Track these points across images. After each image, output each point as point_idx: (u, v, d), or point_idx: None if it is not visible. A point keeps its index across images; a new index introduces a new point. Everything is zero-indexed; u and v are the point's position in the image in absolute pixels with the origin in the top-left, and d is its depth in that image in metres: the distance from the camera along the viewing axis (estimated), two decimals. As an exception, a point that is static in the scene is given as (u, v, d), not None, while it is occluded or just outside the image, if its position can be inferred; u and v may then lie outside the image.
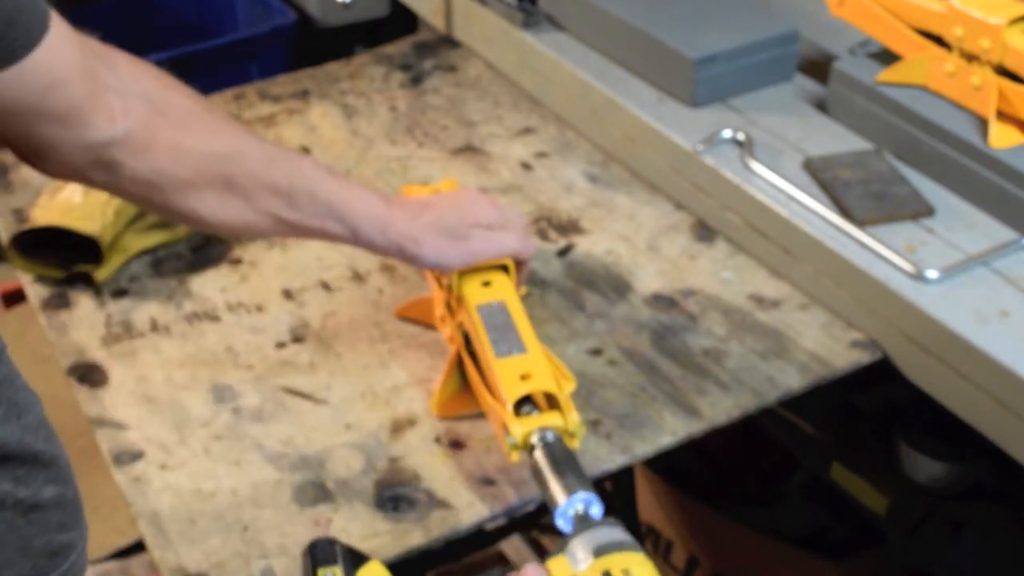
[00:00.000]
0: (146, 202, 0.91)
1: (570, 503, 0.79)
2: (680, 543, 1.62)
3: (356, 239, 0.95)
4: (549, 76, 1.37)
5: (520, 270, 1.04)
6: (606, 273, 1.14)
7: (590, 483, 0.81)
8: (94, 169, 0.85)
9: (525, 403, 0.88)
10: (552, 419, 0.86)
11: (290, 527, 0.89)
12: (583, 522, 0.78)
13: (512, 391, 0.87)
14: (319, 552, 0.75)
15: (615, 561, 0.72)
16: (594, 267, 1.15)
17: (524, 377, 0.88)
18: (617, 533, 0.75)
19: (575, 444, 0.86)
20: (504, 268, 1.01)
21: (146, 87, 0.87)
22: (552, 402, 0.88)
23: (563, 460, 0.83)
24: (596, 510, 0.79)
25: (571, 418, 0.86)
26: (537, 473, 0.84)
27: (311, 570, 0.73)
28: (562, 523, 0.79)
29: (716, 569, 1.60)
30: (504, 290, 0.98)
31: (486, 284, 0.99)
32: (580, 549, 0.74)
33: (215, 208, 0.90)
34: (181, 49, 1.73)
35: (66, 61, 0.79)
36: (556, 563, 0.74)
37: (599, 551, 0.73)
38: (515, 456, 0.86)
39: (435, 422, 0.98)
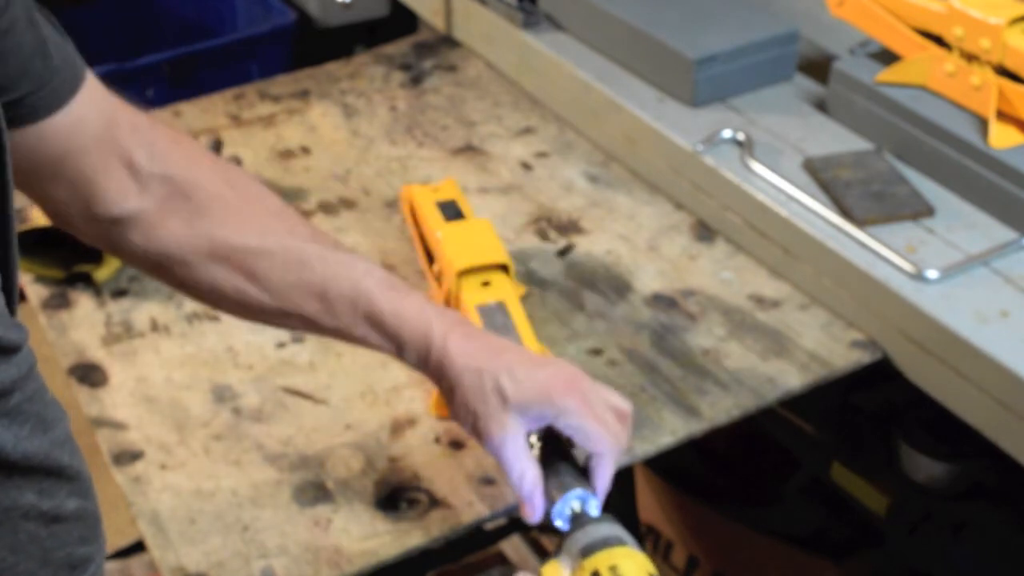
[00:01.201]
0: (153, 274, 0.87)
1: (564, 501, 0.79)
2: (680, 543, 1.62)
3: (401, 358, 0.86)
4: (549, 76, 1.37)
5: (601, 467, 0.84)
6: (606, 273, 1.14)
7: (587, 481, 0.81)
8: (99, 239, 0.84)
9: None
10: None
11: (290, 527, 0.89)
12: (578, 520, 0.78)
13: None
14: None
15: (602, 559, 0.72)
16: (594, 267, 1.15)
17: None
18: (604, 529, 0.75)
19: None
20: (504, 268, 1.01)
21: (176, 168, 0.83)
22: None
23: (559, 458, 0.83)
24: (593, 507, 0.79)
25: None
26: None
27: None
28: (559, 522, 0.79)
29: (716, 569, 1.60)
30: (503, 290, 0.98)
31: (485, 284, 0.99)
32: (571, 550, 0.74)
33: (227, 291, 0.84)
34: (181, 49, 1.72)
35: (88, 129, 0.78)
36: (550, 568, 0.74)
37: (586, 551, 0.73)
38: None
39: (435, 422, 0.98)
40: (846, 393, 1.18)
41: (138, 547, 1.67)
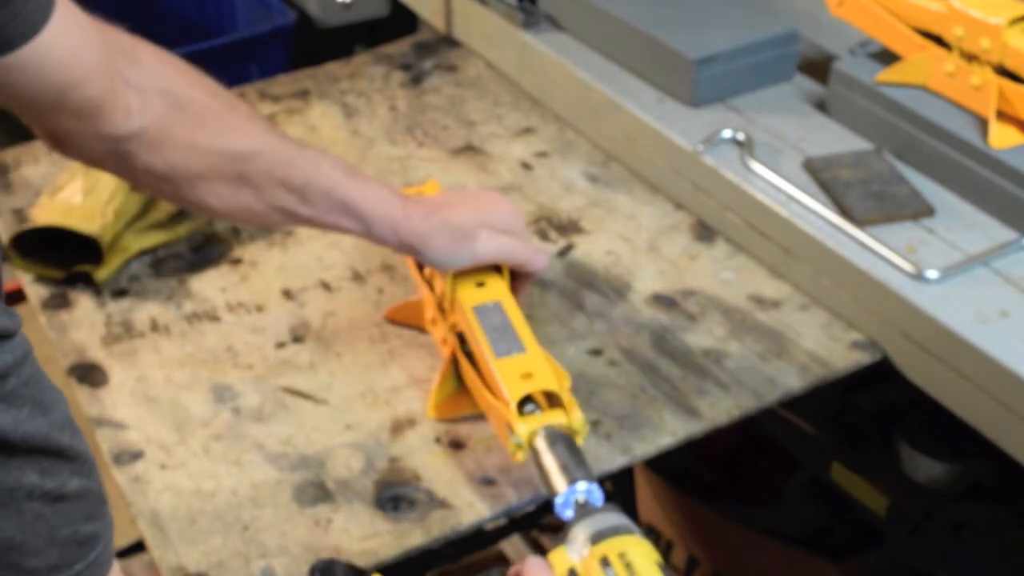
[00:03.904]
0: (157, 192, 0.95)
1: (571, 491, 0.79)
2: (680, 543, 1.62)
3: (369, 235, 0.98)
4: (549, 76, 1.37)
5: (524, 282, 1.03)
6: (606, 273, 1.14)
7: (591, 471, 0.81)
8: (108, 159, 0.88)
9: (526, 403, 0.88)
10: (556, 417, 0.86)
11: (290, 527, 0.89)
12: (584, 509, 0.78)
13: (515, 390, 0.87)
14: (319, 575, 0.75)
15: (611, 546, 0.73)
16: (594, 267, 1.15)
17: (526, 376, 0.88)
18: (614, 518, 0.75)
19: (579, 442, 0.86)
20: (497, 269, 1.00)
21: (167, 82, 0.89)
22: (552, 401, 0.88)
23: (564, 449, 0.83)
24: (597, 497, 0.79)
25: (575, 416, 0.86)
26: (539, 463, 0.84)
27: None
28: (567, 512, 0.79)
29: (716, 569, 1.60)
30: (499, 290, 0.98)
31: (480, 285, 0.99)
32: (578, 537, 0.75)
33: (226, 200, 0.93)
34: (181, 49, 1.71)
35: (82, 57, 0.81)
36: (556, 555, 0.75)
37: (596, 538, 0.74)
38: (520, 455, 0.86)
39: (435, 422, 0.98)
40: (846, 393, 1.18)
41: (138, 547, 1.67)
